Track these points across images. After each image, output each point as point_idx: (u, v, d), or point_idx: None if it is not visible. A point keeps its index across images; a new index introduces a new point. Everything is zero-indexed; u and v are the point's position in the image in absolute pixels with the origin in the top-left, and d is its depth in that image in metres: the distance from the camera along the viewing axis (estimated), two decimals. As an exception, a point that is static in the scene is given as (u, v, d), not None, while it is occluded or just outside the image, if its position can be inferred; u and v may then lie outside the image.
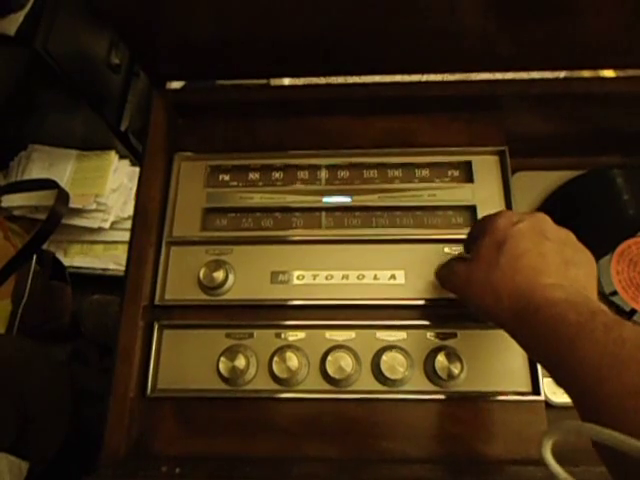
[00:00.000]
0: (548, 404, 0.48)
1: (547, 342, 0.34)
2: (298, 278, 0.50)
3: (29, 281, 0.83)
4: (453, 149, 0.53)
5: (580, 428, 0.28)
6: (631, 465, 0.26)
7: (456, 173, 0.53)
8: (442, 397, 0.46)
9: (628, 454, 0.25)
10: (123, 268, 0.50)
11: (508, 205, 0.51)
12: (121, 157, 0.99)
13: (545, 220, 0.40)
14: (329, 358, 0.46)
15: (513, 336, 0.38)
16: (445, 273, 0.46)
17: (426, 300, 0.48)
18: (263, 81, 0.67)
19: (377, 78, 0.56)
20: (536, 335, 0.35)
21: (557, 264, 0.37)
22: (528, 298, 0.36)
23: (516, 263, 0.38)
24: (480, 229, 0.42)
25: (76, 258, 0.96)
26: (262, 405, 0.46)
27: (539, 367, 0.46)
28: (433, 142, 0.54)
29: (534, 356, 0.39)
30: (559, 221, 0.41)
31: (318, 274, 0.50)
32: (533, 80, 0.55)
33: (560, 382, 0.34)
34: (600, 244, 0.40)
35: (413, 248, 0.50)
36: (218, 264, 0.49)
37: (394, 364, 0.46)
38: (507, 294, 0.37)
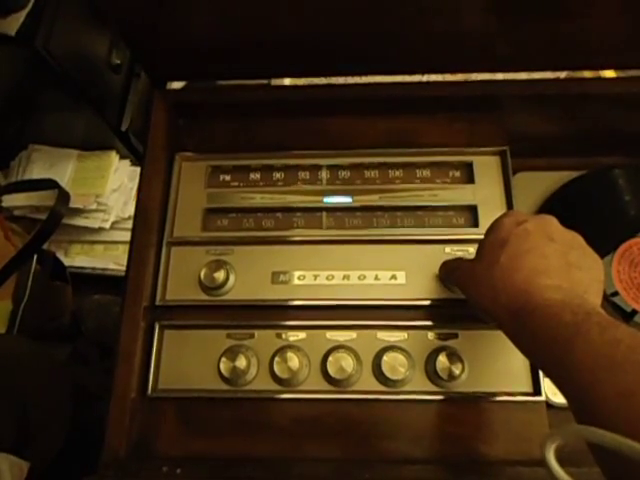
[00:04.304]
0: (549, 404, 0.48)
1: (543, 342, 0.34)
2: (299, 278, 0.50)
3: (29, 281, 0.83)
4: (454, 149, 0.53)
5: (583, 432, 0.28)
6: (632, 469, 0.26)
7: (457, 173, 0.53)
8: (443, 397, 0.46)
9: (630, 458, 0.25)
10: (123, 268, 0.50)
11: (509, 206, 0.51)
12: (122, 157, 0.99)
13: (552, 222, 0.40)
14: (330, 358, 0.46)
15: (509, 335, 0.38)
16: (450, 266, 0.47)
17: (427, 300, 0.48)
18: (264, 81, 0.67)
19: (378, 78, 0.56)
20: (532, 335, 0.35)
21: (559, 266, 0.37)
22: (525, 298, 0.36)
23: (516, 262, 0.38)
24: (488, 229, 0.42)
25: (77, 258, 0.96)
26: (263, 405, 0.46)
27: (540, 368, 0.46)
28: (434, 142, 0.54)
29: (529, 356, 0.39)
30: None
31: (319, 274, 0.50)
32: (534, 80, 0.55)
33: (555, 382, 0.34)
34: (601, 245, 0.40)
35: (414, 248, 0.50)
36: (219, 264, 0.49)
37: (395, 364, 0.46)
38: (505, 292, 0.37)
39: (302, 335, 0.48)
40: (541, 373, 0.46)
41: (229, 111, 0.56)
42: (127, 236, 0.52)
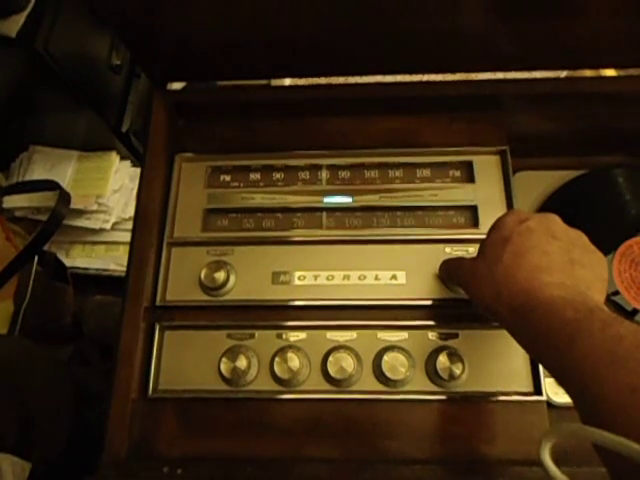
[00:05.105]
0: (550, 404, 0.48)
1: (545, 339, 0.34)
2: (299, 278, 0.50)
3: (31, 282, 0.83)
4: (454, 149, 0.53)
5: (579, 430, 0.28)
6: (631, 468, 0.26)
7: (457, 173, 0.53)
8: (443, 397, 0.46)
9: (628, 457, 0.25)
10: (124, 269, 0.50)
11: (509, 205, 0.51)
12: (122, 158, 0.99)
13: (555, 220, 0.40)
14: (330, 358, 0.46)
15: (512, 333, 0.38)
16: (452, 265, 0.47)
17: (427, 300, 0.48)
18: (264, 82, 0.67)
19: (378, 78, 0.56)
20: (534, 332, 0.35)
21: (562, 263, 0.37)
22: (527, 295, 0.36)
23: (519, 260, 0.38)
24: (491, 227, 0.42)
25: (78, 259, 0.96)
26: (263, 406, 0.46)
27: (541, 367, 0.46)
28: (434, 142, 0.54)
29: (532, 353, 0.39)
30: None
31: (319, 274, 0.50)
32: (534, 80, 0.55)
33: (558, 379, 0.34)
34: (602, 244, 0.40)
35: (414, 248, 0.50)
36: (219, 265, 0.49)
37: (395, 364, 0.46)
38: (507, 290, 0.37)
39: (302, 335, 0.48)
40: (542, 373, 0.46)
41: (229, 111, 0.56)
42: (128, 237, 0.52)
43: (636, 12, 0.45)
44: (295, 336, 0.48)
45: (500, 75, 0.56)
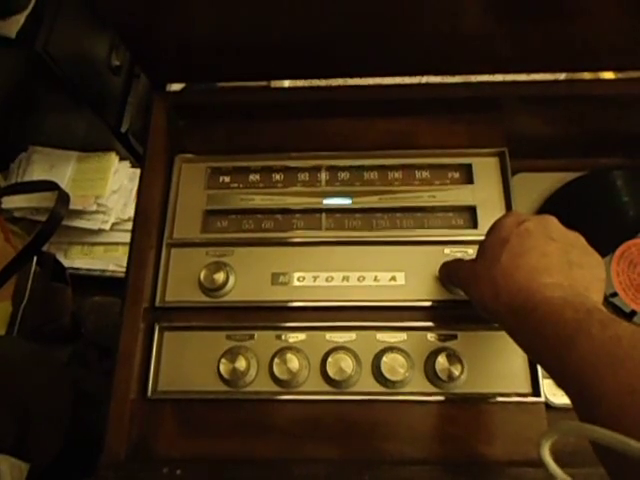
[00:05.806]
0: (548, 405, 0.48)
1: (544, 340, 0.34)
2: (299, 280, 0.50)
3: (29, 282, 0.83)
4: (453, 151, 0.53)
5: (578, 428, 0.29)
6: (630, 466, 0.26)
7: (456, 175, 0.53)
8: (442, 398, 0.46)
9: (627, 455, 0.25)
10: (123, 269, 0.50)
11: (508, 207, 0.51)
12: (121, 158, 0.99)
13: (553, 222, 0.40)
14: (329, 359, 0.46)
15: (511, 333, 0.38)
16: (451, 267, 0.47)
17: (426, 301, 0.48)
18: (263, 83, 0.67)
19: (377, 80, 0.56)
20: (533, 333, 0.35)
21: (560, 264, 0.38)
22: (526, 296, 0.36)
23: (517, 260, 0.38)
24: (489, 229, 0.42)
25: (76, 259, 0.96)
26: (263, 407, 0.46)
27: (539, 368, 0.46)
28: (433, 144, 0.54)
29: (531, 354, 0.39)
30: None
31: (318, 276, 0.50)
32: (533, 82, 0.55)
33: (557, 380, 0.34)
34: (600, 246, 0.40)
35: (413, 249, 0.50)
36: (219, 266, 0.50)
37: (394, 365, 0.46)
38: (506, 290, 0.37)
39: (302, 336, 0.48)
40: (540, 374, 0.46)
41: (229, 113, 0.56)
42: (127, 237, 0.52)
43: (635, 15, 0.46)
44: (294, 337, 0.48)
45: (499, 77, 0.56)
